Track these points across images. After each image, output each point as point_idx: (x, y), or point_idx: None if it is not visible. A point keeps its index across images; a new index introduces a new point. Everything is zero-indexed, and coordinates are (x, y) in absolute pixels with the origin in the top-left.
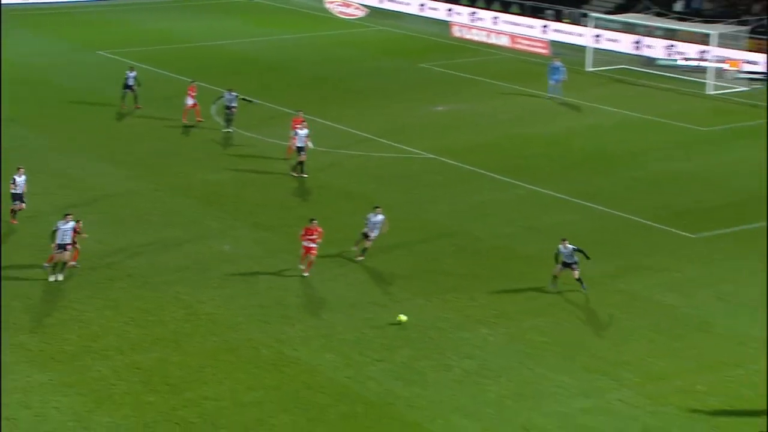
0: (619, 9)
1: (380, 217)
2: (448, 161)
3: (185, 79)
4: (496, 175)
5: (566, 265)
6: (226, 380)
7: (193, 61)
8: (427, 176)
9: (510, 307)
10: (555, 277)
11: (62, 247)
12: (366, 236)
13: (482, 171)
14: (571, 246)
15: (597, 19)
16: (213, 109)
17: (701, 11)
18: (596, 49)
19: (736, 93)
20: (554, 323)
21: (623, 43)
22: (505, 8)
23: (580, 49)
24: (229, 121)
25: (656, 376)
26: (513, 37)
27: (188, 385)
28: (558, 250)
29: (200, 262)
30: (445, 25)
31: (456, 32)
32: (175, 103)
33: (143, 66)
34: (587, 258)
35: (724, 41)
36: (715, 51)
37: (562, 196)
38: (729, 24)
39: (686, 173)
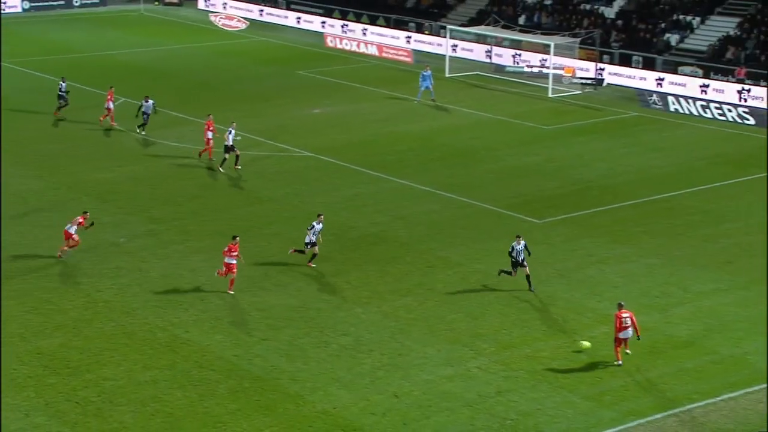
0: (472, 22)
1: (320, 226)
2: (325, 158)
3: (85, 87)
4: (368, 171)
5: (516, 264)
6: (124, 362)
7: (88, 70)
8: (306, 172)
9: (381, 287)
10: (505, 272)
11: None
12: (311, 245)
13: (356, 167)
14: (523, 242)
15: (453, 30)
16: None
17: (541, 24)
18: (453, 58)
19: (571, 96)
20: (420, 301)
21: (476, 52)
22: (373, 21)
23: (440, 57)
24: (142, 125)
25: (508, 345)
26: (380, 47)
27: (88, 367)
28: (512, 247)
29: (98, 254)
30: (320, 36)
31: (329, 42)
32: (75, 107)
33: (44, 75)
34: (529, 254)
35: (561, 51)
36: (554, 59)
37: (427, 188)
38: (564, 36)
39: (533, 166)
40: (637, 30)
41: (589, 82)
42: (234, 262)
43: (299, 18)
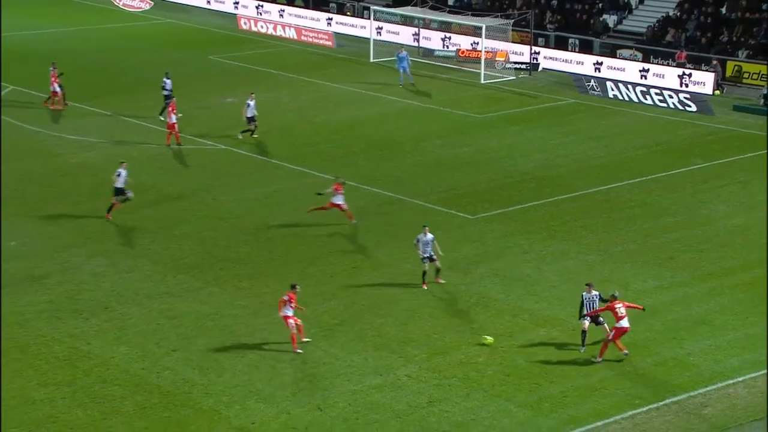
0: (398, 2)
1: (429, 236)
2: (240, 152)
3: None
4: (286, 164)
5: (428, 259)
6: (16, 378)
7: None
8: (219, 167)
9: (303, 290)
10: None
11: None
12: (429, 259)
13: (273, 160)
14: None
15: (377, 11)
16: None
17: (472, 5)
18: (378, 42)
19: (505, 82)
20: (346, 305)
21: (403, 35)
22: (290, 1)
23: (364, 41)
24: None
25: (440, 350)
26: (299, 29)
27: None
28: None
29: None
30: (232, 18)
31: (243, 25)
32: None
33: None
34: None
35: (493, 33)
36: (486, 43)
37: (350, 183)
38: (496, 17)
39: (464, 158)
40: (574, 11)
41: (523, 67)
42: (291, 314)
43: None
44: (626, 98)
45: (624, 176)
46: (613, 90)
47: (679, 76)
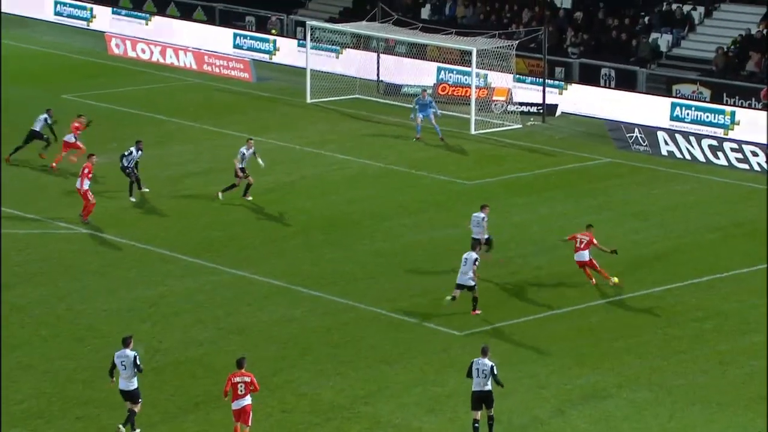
0: (346, 15)
1: (474, 255)
2: (110, 237)
3: None
4: (181, 256)
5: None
6: None
7: None
8: (78, 260)
9: None
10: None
11: None
12: (467, 288)
13: (161, 250)
14: (490, 364)
15: (316, 29)
16: None
17: (457, 20)
18: (318, 73)
19: (507, 132)
20: None
21: (355, 63)
22: (187, 13)
23: (296, 71)
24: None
25: None
26: (200, 55)
27: None
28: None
29: None
30: (98, 37)
31: (115, 48)
32: None
33: None
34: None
35: (489, 60)
36: (477, 74)
37: (279, 282)
38: (493, 37)
39: (447, 244)
40: (608, 28)
41: (533, 110)
42: (248, 403)
43: (61, 7)
44: (688, 156)
45: (686, 273)
46: (667, 144)
47: None
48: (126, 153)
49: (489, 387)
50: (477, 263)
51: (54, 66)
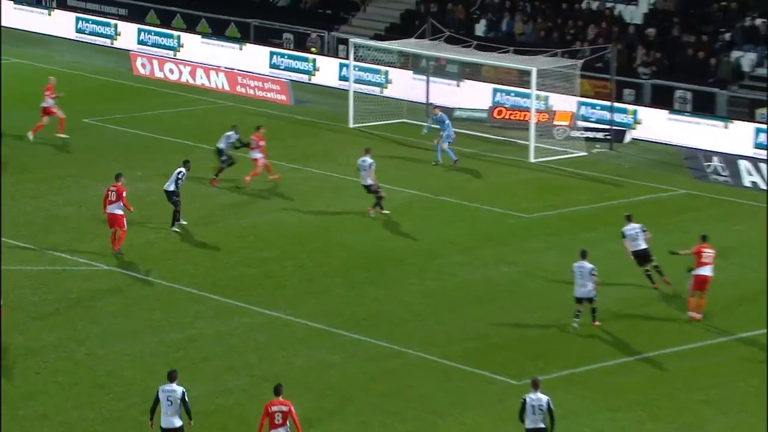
0: (393, 32)
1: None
2: (133, 274)
3: None
4: (212, 296)
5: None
6: None
7: None
8: (97, 299)
9: None
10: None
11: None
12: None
13: (190, 289)
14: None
15: (360, 47)
16: None
17: (515, 36)
18: (361, 95)
19: (570, 160)
20: None
21: (402, 84)
22: (219, 30)
23: (338, 93)
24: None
25: None
26: (232, 75)
27: None
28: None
29: None
30: (123, 56)
31: (141, 68)
32: None
33: None
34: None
35: (551, 82)
36: (537, 96)
37: (318, 325)
38: (555, 56)
39: (504, 284)
40: (683, 45)
41: (600, 136)
42: None
43: (83, 24)
44: None
45: None
46: (750, 174)
47: None
48: (179, 176)
49: (544, 425)
50: (595, 272)
51: (74, 87)
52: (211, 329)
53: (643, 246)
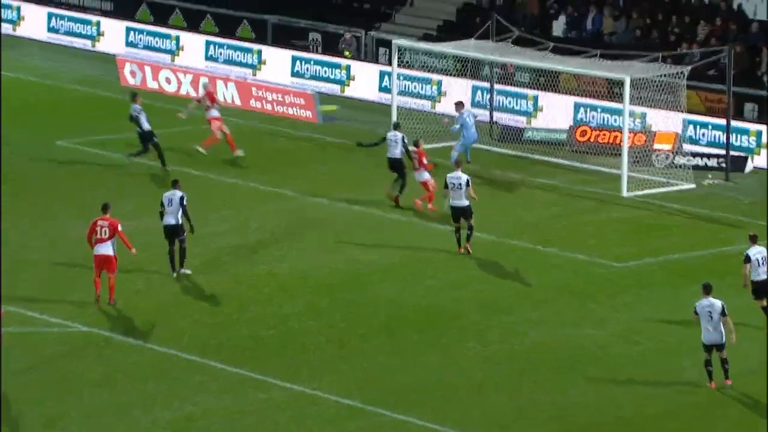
0: (445, 30)
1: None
2: (123, 339)
3: None
4: (222, 365)
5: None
6: None
7: None
8: (80, 369)
9: None
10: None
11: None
12: None
13: (195, 357)
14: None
15: (405, 50)
16: None
17: (602, 36)
18: (405, 109)
19: (675, 194)
20: None
21: (458, 97)
22: (228, 30)
23: (378, 108)
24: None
25: None
26: (245, 86)
27: None
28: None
29: None
30: (109, 62)
31: (129, 77)
32: None
33: None
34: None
35: (649, 94)
36: (630, 111)
37: (350, 401)
38: (653, 61)
39: (590, 349)
40: None
41: (711, 163)
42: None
43: (56, 22)
44: None
45: None
46: None
47: None
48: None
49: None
50: (726, 309)
51: (46, 101)
52: (216, 406)
53: (766, 277)
